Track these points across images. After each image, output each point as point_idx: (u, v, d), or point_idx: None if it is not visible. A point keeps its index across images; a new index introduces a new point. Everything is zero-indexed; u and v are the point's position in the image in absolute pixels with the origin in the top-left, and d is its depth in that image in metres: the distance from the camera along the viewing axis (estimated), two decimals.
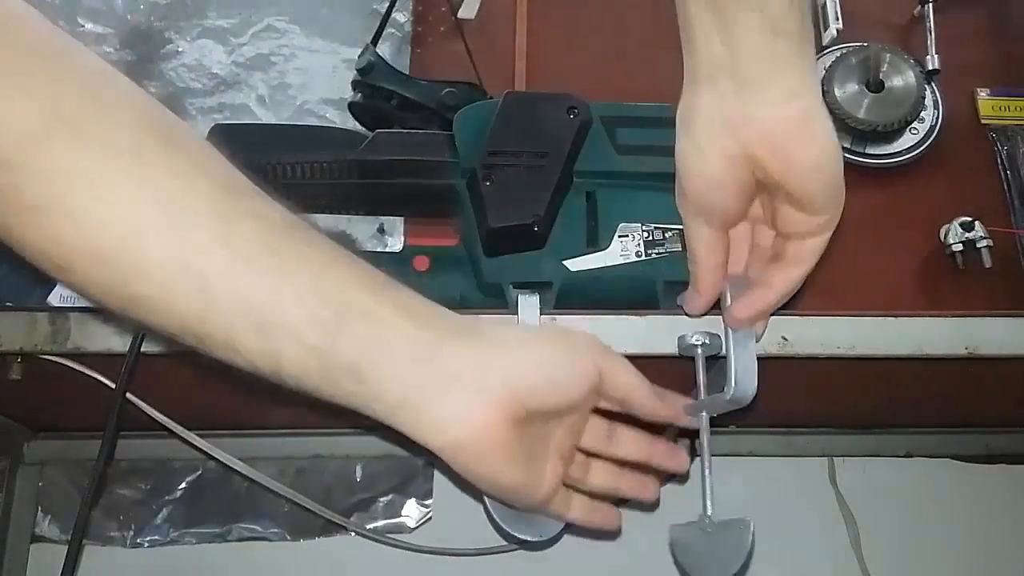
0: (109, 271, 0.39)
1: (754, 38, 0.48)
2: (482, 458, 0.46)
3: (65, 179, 0.38)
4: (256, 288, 0.41)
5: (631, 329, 0.62)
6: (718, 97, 0.50)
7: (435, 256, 0.69)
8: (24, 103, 0.37)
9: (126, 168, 0.39)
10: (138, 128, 0.40)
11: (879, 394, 0.81)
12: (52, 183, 0.38)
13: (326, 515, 0.77)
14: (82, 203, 0.38)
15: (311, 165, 0.67)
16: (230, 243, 0.40)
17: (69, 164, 0.38)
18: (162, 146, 0.40)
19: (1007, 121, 0.86)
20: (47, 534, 0.88)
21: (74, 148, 0.38)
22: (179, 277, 0.39)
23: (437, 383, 0.44)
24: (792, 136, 0.50)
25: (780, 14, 0.47)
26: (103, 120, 0.39)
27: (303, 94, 0.89)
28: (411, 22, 0.90)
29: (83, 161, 0.38)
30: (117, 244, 0.39)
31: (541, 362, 0.48)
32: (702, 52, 0.50)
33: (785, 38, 0.48)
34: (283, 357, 0.42)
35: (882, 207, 0.82)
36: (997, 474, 0.93)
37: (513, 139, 0.65)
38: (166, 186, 0.40)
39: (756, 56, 0.48)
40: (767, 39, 0.47)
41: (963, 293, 0.78)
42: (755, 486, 0.90)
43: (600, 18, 0.91)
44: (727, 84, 0.50)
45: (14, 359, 0.63)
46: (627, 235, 0.66)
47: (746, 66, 0.48)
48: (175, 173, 0.40)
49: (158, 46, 0.90)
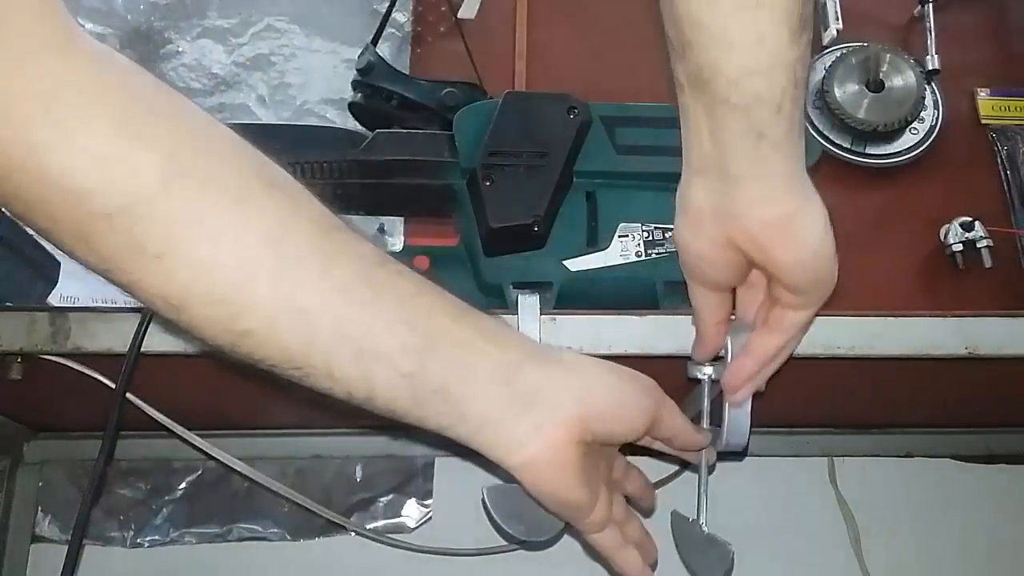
0: (221, 310, 0.42)
1: (740, 141, 0.48)
2: (552, 475, 0.49)
3: (185, 226, 0.40)
4: (353, 320, 0.44)
5: (631, 329, 0.62)
6: (708, 191, 0.51)
7: (435, 256, 0.70)
8: (146, 155, 0.39)
9: (237, 212, 0.41)
10: (246, 173, 0.42)
11: (879, 394, 0.81)
12: (173, 230, 0.40)
13: (326, 515, 0.77)
14: (200, 248, 0.40)
15: (311, 165, 0.67)
16: (329, 279, 0.43)
17: (188, 211, 0.40)
18: (267, 190, 0.43)
19: (1007, 121, 0.86)
20: (47, 534, 0.88)
21: (192, 196, 0.40)
22: (285, 313, 0.42)
23: (517, 404, 0.48)
24: (774, 238, 0.50)
25: (766, 120, 0.47)
26: (215, 168, 0.41)
27: (303, 94, 0.89)
28: (411, 22, 0.90)
29: (200, 207, 0.40)
30: (230, 284, 0.41)
31: (612, 390, 0.51)
32: (694, 145, 0.51)
33: (771, 143, 0.48)
34: (377, 383, 0.45)
35: (882, 207, 0.82)
36: (997, 474, 0.93)
37: (513, 139, 0.65)
38: (273, 228, 0.42)
39: (742, 159, 0.48)
40: (752, 143, 0.48)
41: (963, 293, 0.78)
42: (755, 486, 0.90)
43: (600, 18, 0.91)
44: (716, 180, 0.50)
45: (14, 359, 0.63)
46: (627, 235, 0.66)
47: (733, 167, 0.49)
48: (280, 215, 0.43)
49: (158, 46, 0.90)
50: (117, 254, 0.40)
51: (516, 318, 0.62)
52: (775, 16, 0.44)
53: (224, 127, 0.44)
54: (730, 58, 0.46)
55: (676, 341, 0.62)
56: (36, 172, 0.37)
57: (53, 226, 0.39)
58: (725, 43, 0.45)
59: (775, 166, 0.49)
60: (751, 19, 0.44)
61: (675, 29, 0.47)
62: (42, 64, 0.37)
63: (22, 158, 0.37)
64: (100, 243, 0.39)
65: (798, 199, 0.50)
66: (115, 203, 0.38)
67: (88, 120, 0.38)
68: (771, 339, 0.55)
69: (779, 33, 0.45)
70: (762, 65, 0.46)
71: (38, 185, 0.37)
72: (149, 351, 0.61)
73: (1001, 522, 0.91)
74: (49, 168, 0.37)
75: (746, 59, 0.45)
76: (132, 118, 0.39)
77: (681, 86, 0.49)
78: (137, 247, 0.39)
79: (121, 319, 0.61)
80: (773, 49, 0.45)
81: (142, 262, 0.40)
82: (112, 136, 0.38)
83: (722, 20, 0.45)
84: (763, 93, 0.46)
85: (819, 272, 0.52)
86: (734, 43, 0.45)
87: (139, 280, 0.41)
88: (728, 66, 0.46)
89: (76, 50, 0.38)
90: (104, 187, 0.38)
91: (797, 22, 0.45)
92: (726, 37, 0.45)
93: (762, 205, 0.50)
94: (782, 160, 0.49)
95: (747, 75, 0.46)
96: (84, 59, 0.38)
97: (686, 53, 0.47)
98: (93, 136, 0.38)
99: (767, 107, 0.47)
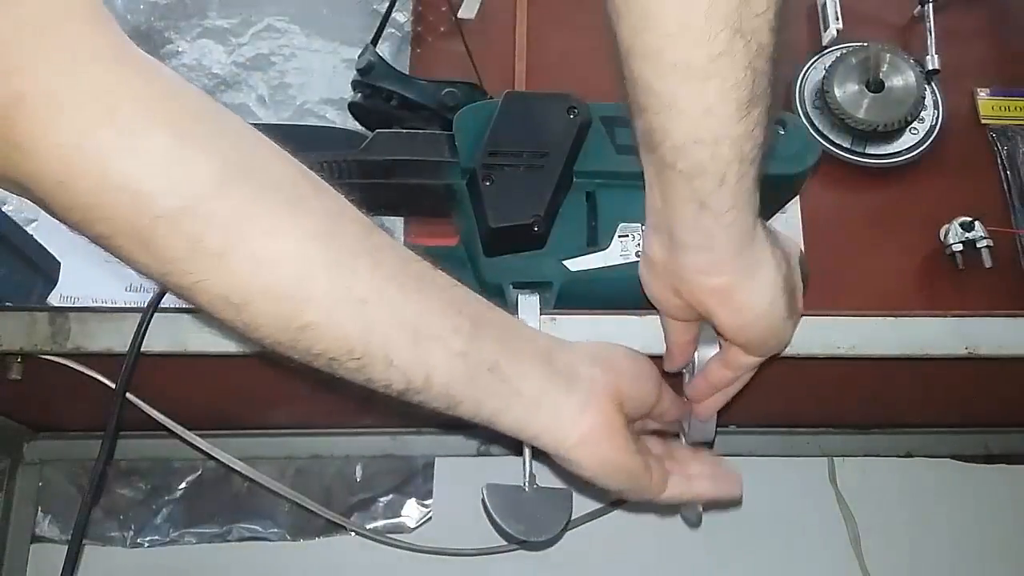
0: (282, 305, 0.43)
1: (685, 207, 0.49)
2: (610, 446, 0.52)
3: (244, 223, 0.41)
4: (407, 305, 0.45)
5: (631, 329, 0.62)
6: (660, 247, 0.53)
7: (435, 256, 0.69)
8: (203, 157, 0.40)
9: (292, 211, 0.43)
10: (294, 175, 0.44)
11: (879, 394, 0.81)
12: (233, 228, 0.41)
13: (326, 515, 0.77)
14: (260, 244, 0.42)
15: (311, 165, 0.67)
16: (380, 270, 0.45)
17: (246, 209, 0.41)
18: (314, 191, 0.45)
19: (1007, 121, 0.87)
20: (47, 534, 0.88)
21: (248, 195, 0.41)
22: (343, 303, 0.44)
23: (561, 381, 0.51)
24: (718, 305, 0.52)
25: (708, 190, 0.47)
26: (267, 169, 0.43)
27: (303, 94, 0.89)
28: (411, 22, 0.90)
29: (257, 206, 0.42)
30: (290, 279, 0.43)
31: (631, 362, 0.55)
32: (649, 201, 0.52)
33: (712, 213, 0.48)
34: (434, 365, 0.46)
35: (882, 207, 0.83)
36: (997, 474, 0.93)
37: (513, 139, 0.65)
38: (324, 225, 0.44)
39: (687, 225, 0.50)
40: (695, 210, 0.48)
41: (963, 293, 0.78)
42: (755, 486, 0.89)
43: (600, 18, 0.90)
44: (666, 241, 0.52)
45: (14, 359, 0.63)
46: (627, 235, 0.66)
47: (678, 232, 0.50)
48: (329, 214, 0.45)
49: (158, 46, 0.90)
50: (179, 255, 0.41)
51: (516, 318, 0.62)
52: (724, 89, 0.44)
53: (263, 136, 0.45)
54: (678, 125, 0.46)
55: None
56: (98, 177, 0.38)
57: (113, 231, 0.40)
58: (674, 111, 0.46)
59: (718, 237, 0.49)
60: (699, 90, 0.44)
61: (631, 91, 0.48)
62: (99, 72, 0.37)
63: (84, 164, 0.37)
64: (162, 245, 0.40)
65: (742, 270, 0.51)
66: (176, 204, 0.39)
67: (147, 126, 0.39)
68: (724, 372, 0.58)
69: (727, 107, 0.45)
70: (707, 136, 0.46)
71: (100, 190, 0.38)
72: (149, 351, 0.61)
73: (1001, 522, 0.92)
74: (111, 173, 0.38)
75: (692, 128, 0.46)
76: (187, 124, 0.40)
77: (638, 143, 0.51)
78: (199, 247, 0.40)
79: (121, 319, 0.61)
80: (720, 122, 0.45)
81: (204, 261, 0.41)
82: (170, 141, 0.39)
83: (672, 88, 0.45)
84: (706, 164, 0.47)
85: (763, 334, 0.54)
86: (683, 111, 0.45)
87: (201, 280, 0.42)
88: (675, 132, 0.46)
89: (129, 59, 0.39)
90: (165, 189, 0.39)
91: (746, 97, 0.45)
92: (675, 105, 0.45)
93: (704, 274, 0.51)
94: (724, 231, 0.49)
95: (692, 143, 0.46)
96: (137, 67, 0.39)
97: (638, 115, 0.48)
98: (153, 141, 0.39)
99: (710, 178, 0.47)
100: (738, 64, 0.44)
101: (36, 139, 0.37)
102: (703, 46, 0.43)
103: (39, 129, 0.36)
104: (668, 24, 0.43)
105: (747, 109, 0.45)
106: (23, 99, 0.36)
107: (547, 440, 0.51)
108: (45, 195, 0.39)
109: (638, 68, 0.46)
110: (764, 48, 0.44)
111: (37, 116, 0.36)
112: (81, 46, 0.37)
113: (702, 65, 0.44)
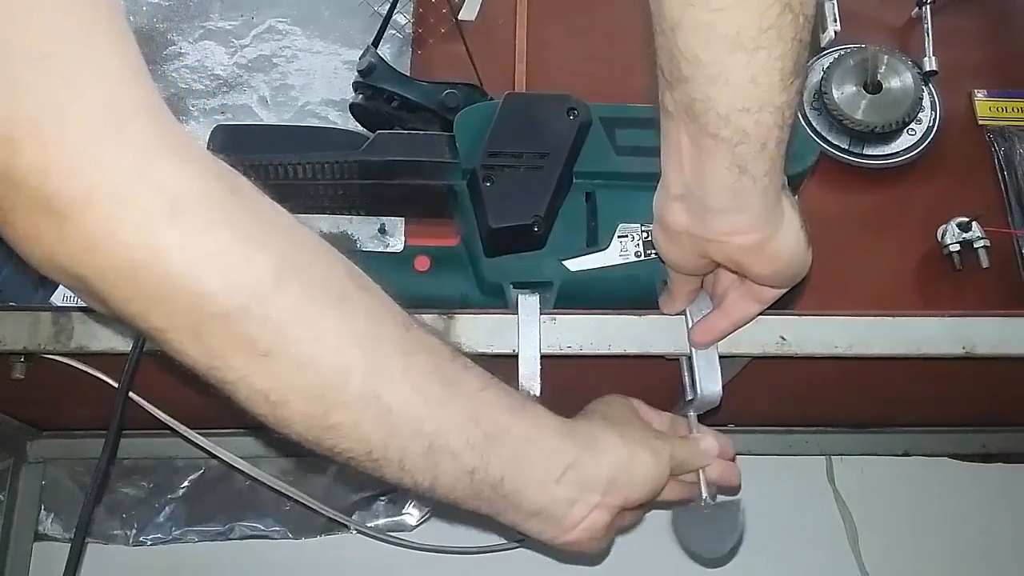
0: (316, 406, 0.44)
1: (722, 172, 0.50)
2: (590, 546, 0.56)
3: (293, 325, 0.42)
4: (428, 419, 0.47)
5: (630, 329, 0.63)
6: (686, 214, 0.54)
7: (436, 256, 0.70)
8: (262, 256, 0.41)
9: (338, 313, 0.44)
10: (341, 273, 0.45)
11: (877, 393, 0.81)
12: (283, 329, 0.41)
13: (328, 513, 0.78)
14: (305, 347, 0.42)
15: (312, 166, 0.67)
16: (410, 376, 0.46)
17: (298, 311, 0.42)
18: (359, 289, 0.45)
19: (1004, 122, 0.87)
20: (50, 532, 0.88)
21: (302, 295, 0.42)
22: (371, 408, 0.45)
23: (566, 496, 0.52)
24: (751, 258, 0.54)
25: (750, 155, 0.49)
26: (319, 268, 0.44)
27: (305, 95, 0.89)
28: (412, 24, 0.90)
29: (308, 307, 0.42)
30: (328, 382, 0.43)
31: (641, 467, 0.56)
32: (674, 170, 0.53)
33: (751, 177, 0.50)
34: (441, 474, 0.48)
35: (880, 208, 0.83)
36: (994, 472, 0.93)
37: (513, 140, 0.65)
38: (365, 326, 0.45)
39: (722, 189, 0.51)
40: (734, 176, 0.50)
41: (960, 293, 0.79)
42: (754, 485, 0.90)
43: (600, 19, 0.91)
44: (695, 206, 0.53)
45: (18, 359, 0.63)
46: (626, 235, 0.66)
47: (712, 196, 0.52)
48: (370, 314, 0.45)
49: (160, 48, 0.90)
50: (227, 352, 0.41)
51: (516, 318, 0.62)
52: (771, 60, 0.46)
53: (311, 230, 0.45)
54: (723, 94, 0.48)
55: (675, 341, 0.63)
56: (161, 274, 0.38)
57: (168, 325, 0.41)
58: (721, 80, 0.47)
59: (753, 199, 0.51)
60: (747, 60, 0.46)
61: (671, 63, 0.49)
62: (164, 170, 0.38)
63: (148, 261, 0.38)
64: (213, 341, 0.41)
65: (771, 224, 0.53)
66: (234, 303, 0.40)
67: (209, 224, 0.39)
68: (749, 306, 0.60)
69: (771, 76, 0.47)
70: (752, 105, 0.48)
71: (160, 286, 0.39)
72: (151, 350, 0.61)
73: (998, 520, 0.92)
74: (174, 270, 0.38)
75: (738, 97, 0.47)
76: (246, 221, 0.41)
77: (669, 114, 0.51)
78: (248, 345, 0.41)
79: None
80: (765, 90, 0.47)
81: (251, 360, 0.42)
82: (231, 239, 0.40)
83: (720, 58, 0.47)
84: (750, 131, 0.48)
85: (793, 272, 0.56)
86: (729, 81, 0.47)
87: (244, 377, 0.42)
88: (721, 101, 0.48)
89: (189, 156, 0.39)
90: (224, 288, 0.40)
91: (790, 67, 0.47)
92: (722, 75, 0.47)
93: (738, 234, 0.53)
94: (760, 194, 0.51)
95: (737, 111, 0.48)
96: (197, 164, 0.40)
97: (679, 86, 0.49)
98: (214, 239, 0.39)
99: (752, 144, 0.49)
100: (785, 36, 0.46)
101: (103, 236, 0.37)
102: (755, 19, 0.45)
103: (106, 226, 0.37)
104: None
105: (791, 78, 0.47)
106: (91, 197, 0.36)
107: (536, 538, 0.54)
108: (106, 288, 0.39)
109: (685, 40, 0.47)
110: (808, 20, 0.46)
111: (104, 213, 0.37)
112: (146, 144, 0.38)
113: (752, 36, 0.45)
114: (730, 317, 0.61)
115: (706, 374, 0.62)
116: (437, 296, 0.67)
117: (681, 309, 0.63)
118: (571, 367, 0.64)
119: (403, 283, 0.68)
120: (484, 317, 0.63)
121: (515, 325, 0.62)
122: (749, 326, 0.61)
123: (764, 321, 0.62)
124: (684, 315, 0.63)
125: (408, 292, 0.67)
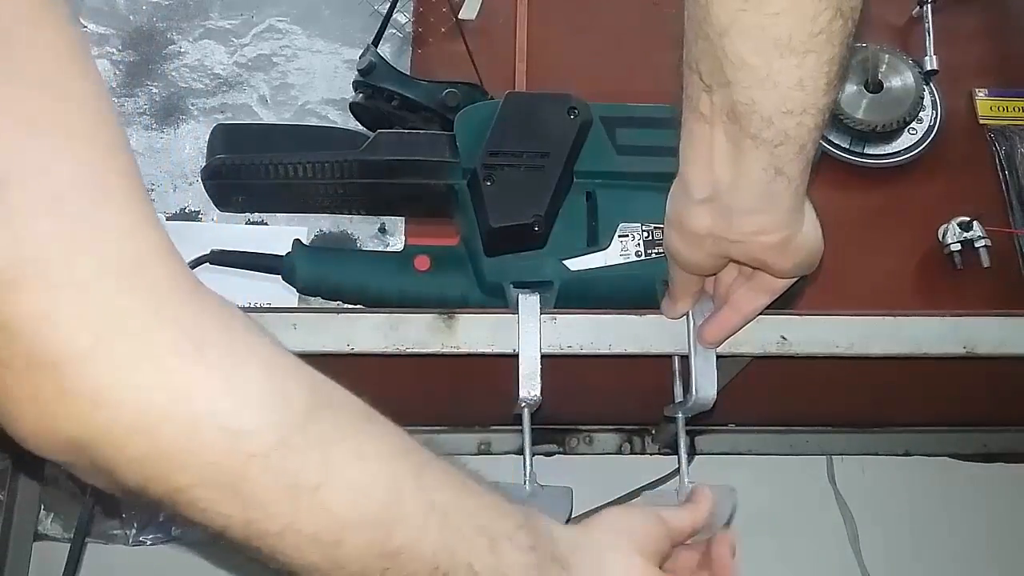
0: (375, 533, 0.40)
1: (759, 174, 0.50)
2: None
3: (336, 448, 0.40)
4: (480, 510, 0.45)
5: (631, 329, 0.63)
6: (711, 215, 0.54)
7: (436, 256, 0.70)
8: (294, 385, 0.39)
9: (371, 427, 0.42)
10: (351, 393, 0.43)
11: (877, 393, 0.81)
12: (328, 453, 0.39)
13: None
14: (355, 469, 0.40)
15: (312, 165, 0.67)
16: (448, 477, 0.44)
17: (336, 433, 0.40)
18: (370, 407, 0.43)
19: (1005, 121, 0.87)
20: (50, 532, 0.88)
21: (336, 418, 0.40)
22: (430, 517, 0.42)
23: None
24: (771, 256, 0.55)
25: (787, 158, 0.50)
26: (338, 394, 0.42)
27: (305, 94, 0.89)
28: (412, 23, 0.90)
29: (345, 428, 0.41)
30: (382, 502, 0.41)
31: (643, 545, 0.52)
32: (702, 172, 0.53)
33: (786, 179, 0.51)
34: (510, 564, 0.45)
35: (880, 207, 0.83)
36: (995, 472, 0.93)
37: (514, 139, 0.65)
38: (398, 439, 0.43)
39: (756, 191, 0.51)
40: (769, 176, 0.50)
41: (961, 292, 0.79)
42: (755, 485, 0.90)
43: (600, 18, 0.91)
44: (723, 207, 0.53)
45: None
46: (627, 235, 0.66)
47: (744, 197, 0.52)
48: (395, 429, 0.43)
49: (160, 47, 0.90)
50: (271, 496, 0.38)
51: (516, 318, 0.62)
52: (819, 64, 0.47)
53: None
54: (768, 97, 0.48)
55: (675, 341, 0.62)
56: (186, 418, 0.35)
57: (194, 480, 0.37)
58: (768, 84, 0.47)
59: (784, 201, 0.52)
60: (796, 64, 0.47)
61: (713, 66, 0.49)
62: (180, 310, 0.36)
63: (168, 404, 0.35)
64: (252, 487, 0.37)
65: (796, 222, 0.53)
66: (272, 439, 0.37)
67: (239, 360, 0.37)
68: (760, 298, 0.59)
69: (818, 80, 0.47)
70: (796, 107, 0.48)
71: (186, 433, 0.36)
72: None
73: (998, 520, 0.92)
74: (201, 413, 0.36)
75: (783, 100, 0.48)
76: (269, 353, 0.39)
77: (702, 117, 0.51)
78: (293, 482, 0.38)
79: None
80: (809, 94, 0.48)
81: (297, 499, 0.38)
82: (263, 373, 0.38)
83: (768, 62, 0.47)
84: (791, 132, 0.49)
85: (812, 260, 0.56)
86: (776, 84, 0.47)
87: (291, 523, 0.39)
88: (765, 104, 0.48)
89: (205, 295, 0.38)
90: (260, 424, 0.37)
91: (836, 71, 0.48)
92: (769, 78, 0.47)
93: (765, 234, 0.53)
94: (792, 195, 0.52)
95: (781, 114, 0.48)
96: (215, 302, 0.38)
97: (720, 89, 0.49)
98: (247, 375, 0.37)
99: (791, 146, 0.49)
100: (835, 41, 0.46)
101: (112, 385, 0.34)
102: (807, 24, 0.46)
103: (117, 374, 0.34)
104: (778, 3, 0.45)
105: (836, 82, 0.48)
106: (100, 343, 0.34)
107: None
108: (112, 451, 0.35)
109: (733, 44, 0.47)
110: (856, 25, 0.47)
111: (115, 359, 0.34)
112: (161, 287, 0.35)
113: (803, 40, 0.46)
114: (741, 312, 0.60)
115: (703, 376, 0.61)
116: (437, 296, 0.67)
117: (685, 311, 0.62)
118: (571, 367, 0.64)
119: (403, 283, 0.67)
120: (484, 317, 0.63)
121: (515, 325, 0.62)
122: (749, 326, 0.61)
123: (764, 321, 0.62)
124: (686, 316, 0.62)
125: (408, 292, 0.68)
